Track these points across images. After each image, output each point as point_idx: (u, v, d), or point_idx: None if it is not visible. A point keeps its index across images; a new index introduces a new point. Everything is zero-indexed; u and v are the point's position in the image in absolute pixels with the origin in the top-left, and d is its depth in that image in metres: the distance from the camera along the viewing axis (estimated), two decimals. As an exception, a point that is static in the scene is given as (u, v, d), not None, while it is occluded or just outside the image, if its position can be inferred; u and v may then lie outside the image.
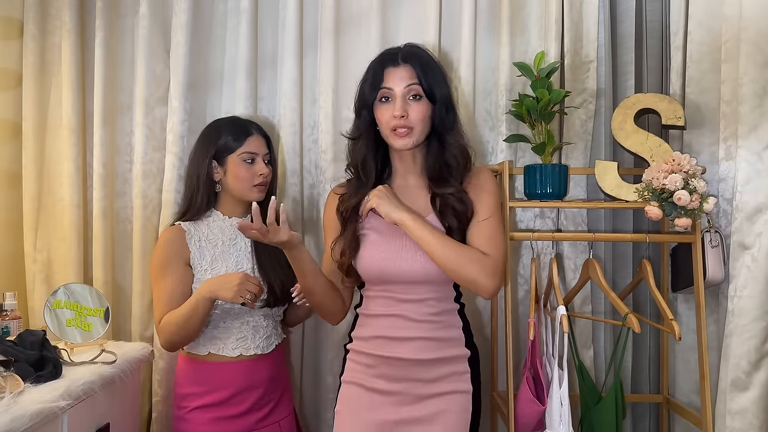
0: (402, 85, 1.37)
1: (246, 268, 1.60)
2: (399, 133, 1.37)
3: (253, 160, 1.61)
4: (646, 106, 1.64)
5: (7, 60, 1.97)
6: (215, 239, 1.62)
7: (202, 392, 1.58)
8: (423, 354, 1.39)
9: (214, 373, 1.58)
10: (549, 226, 1.88)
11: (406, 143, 1.38)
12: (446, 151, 1.42)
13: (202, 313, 1.50)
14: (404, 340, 1.39)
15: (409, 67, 1.38)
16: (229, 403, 1.58)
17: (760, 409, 1.49)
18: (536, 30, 1.87)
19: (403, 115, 1.36)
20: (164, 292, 1.55)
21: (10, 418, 1.09)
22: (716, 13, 1.64)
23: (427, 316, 1.40)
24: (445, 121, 1.41)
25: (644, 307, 1.92)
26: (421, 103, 1.38)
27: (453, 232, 1.38)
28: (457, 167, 1.42)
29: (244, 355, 1.59)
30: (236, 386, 1.58)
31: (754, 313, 1.49)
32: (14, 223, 1.98)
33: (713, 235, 1.59)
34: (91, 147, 1.98)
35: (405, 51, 1.42)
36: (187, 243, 1.59)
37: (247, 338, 1.60)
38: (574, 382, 1.69)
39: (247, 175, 1.60)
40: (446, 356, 1.41)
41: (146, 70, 1.93)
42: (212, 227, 1.64)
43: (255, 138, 1.63)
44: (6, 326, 1.68)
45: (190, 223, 1.62)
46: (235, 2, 1.97)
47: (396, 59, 1.40)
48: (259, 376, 1.61)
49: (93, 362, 1.48)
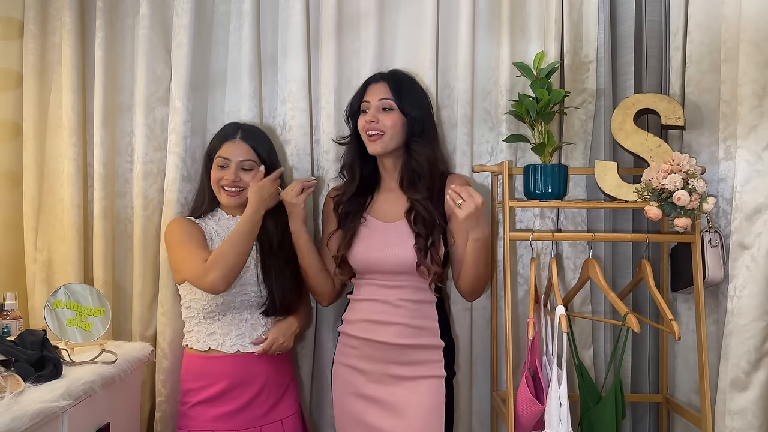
0: (377, 97, 1.62)
1: (250, 266, 1.66)
2: (371, 138, 1.61)
3: (227, 166, 1.67)
4: (645, 106, 1.64)
5: (7, 60, 1.97)
6: (223, 234, 1.69)
7: (200, 387, 1.63)
8: (400, 339, 1.59)
9: (211, 367, 1.63)
10: (549, 226, 1.88)
11: (376, 147, 1.61)
12: (411, 159, 1.62)
13: (254, 230, 1.61)
14: (385, 324, 1.60)
15: (385, 84, 1.64)
16: (225, 397, 1.61)
17: (759, 408, 1.49)
18: (536, 30, 1.87)
19: (374, 120, 1.60)
20: (194, 247, 1.61)
21: (11, 418, 1.09)
22: (716, 13, 1.64)
23: (405, 303, 1.60)
24: (413, 133, 1.61)
25: (644, 307, 1.92)
26: (392, 113, 1.61)
27: (420, 237, 1.57)
28: (424, 176, 1.61)
29: (242, 352, 1.64)
30: (231, 379, 1.62)
31: (753, 313, 1.49)
32: (14, 223, 1.98)
33: (713, 235, 1.59)
34: (91, 147, 1.98)
35: (388, 73, 1.69)
36: (202, 229, 1.68)
37: (245, 335, 1.65)
38: (573, 382, 1.70)
39: (215, 179, 1.69)
40: (422, 343, 1.60)
41: (147, 70, 1.93)
42: (220, 224, 1.71)
43: (233, 143, 1.68)
44: (6, 326, 1.68)
45: (199, 220, 1.71)
46: (237, 4, 1.97)
47: (377, 78, 1.67)
48: (255, 371, 1.64)
49: (93, 362, 1.48)
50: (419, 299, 1.62)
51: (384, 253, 1.61)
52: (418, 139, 1.62)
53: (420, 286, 1.62)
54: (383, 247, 1.62)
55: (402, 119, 1.61)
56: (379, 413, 1.61)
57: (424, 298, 1.63)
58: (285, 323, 1.70)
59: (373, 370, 1.62)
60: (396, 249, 1.60)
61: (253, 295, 1.66)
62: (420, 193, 1.60)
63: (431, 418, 1.57)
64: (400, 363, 1.61)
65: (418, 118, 1.62)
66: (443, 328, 1.64)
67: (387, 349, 1.61)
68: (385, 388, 1.61)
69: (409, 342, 1.60)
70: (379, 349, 1.61)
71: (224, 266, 1.55)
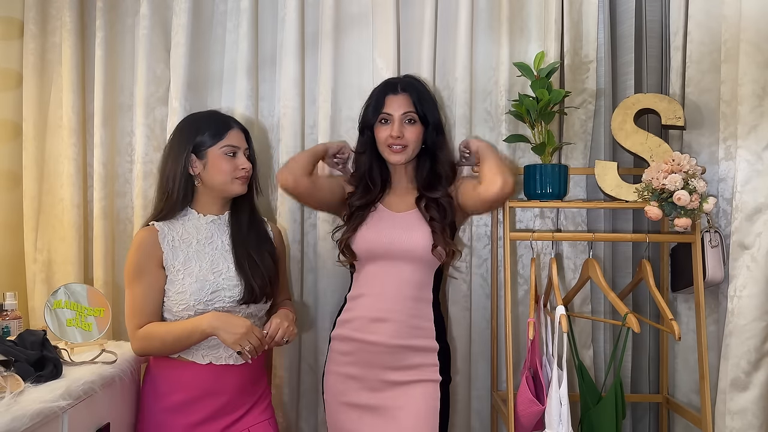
0: (400, 111, 1.63)
1: (222, 268, 1.56)
2: (395, 149, 1.63)
3: (235, 154, 1.58)
4: (645, 106, 1.64)
5: (8, 60, 1.97)
6: (189, 238, 1.57)
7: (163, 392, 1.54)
8: (396, 339, 1.58)
9: (176, 372, 1.53)
10: (549, 226, 1.88)
11: (400, 159, 1.64)
12: (438, 165, 1.67)
13: (194, 342, 1.49)
14: (381, 321, 1.58)
15: (407, 96, 1.64)
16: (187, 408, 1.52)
17: (759, 408, 1.49)
18: (536, 30, 1.87)
19: (400, 135, 1.61)
20: (139, 299, 1.52)
21: (11, 418, 1.09)
22: (716, 13, 1.64)
23: (404, 298, 1.60)
24: (436, 142, 1.67)
25: (644, 307, 1.92)
26: (416, 126, 1.64)
27: (434, 221, 1.61)
28: (447, 178, 1.68)
29: (214, 364, 1.53)
30: (198, 390, 1.52)
31: (753, 313, 1.49)
32: (14, 223, 1.98)
33: (713, 235, 1.60)
34: (91, 147, 1.98)
35: (404, 82, 1.68)
36: (159, 243, 1.54)
37: (219, 347, 1.53)
38: (573, 382, 1.70)
39: (229, 168, 1.57)
40: (417, 345, 1.59)
41: (147, 70, 1.94)
42: (187, 226, 1.58)
43: (236, 132, 1.60)
44: (6, 326, 1.68)
45: (164, 223, 1.57)
46: (235, 2, 1.97)
47: (396, 88, 1.65)
48: (225, 384, 1.54)
49: (93, 362, 1.48)
50: (417, 295, 1.61)
51: (391, 238, 1.61)
52: (439, 145, 1.67)
53: (420, 280, 1.62)
54: (391, 233, 1.61)
55: (422, 129, 1.65)
56: (374, 421, 1.58)
57: (422, 295, 1.63)
58: (281, 312, 1.60)
59: (367, 376, 1.60)
60: (407, 233, 1.61)
61: (228, 300, 1.54)
62: (440, 192, 1.65)
63: (425, 422, 1.55)
64: (394, 368, 1.58)
65: (437, 124, 1.67)
66: (439, 331, 1.63)
67: (382, 353, 1.58)
68: (378, 395, 1.59)
69: (404, 343, 1.58)
70: (373, 353, 1.59)
71: (149, 347, 1.50)
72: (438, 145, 1.67)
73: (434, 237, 1.59)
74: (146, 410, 1.57)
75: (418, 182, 1.69)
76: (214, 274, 1.54)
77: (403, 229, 1.62)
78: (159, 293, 1.53)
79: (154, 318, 1.52)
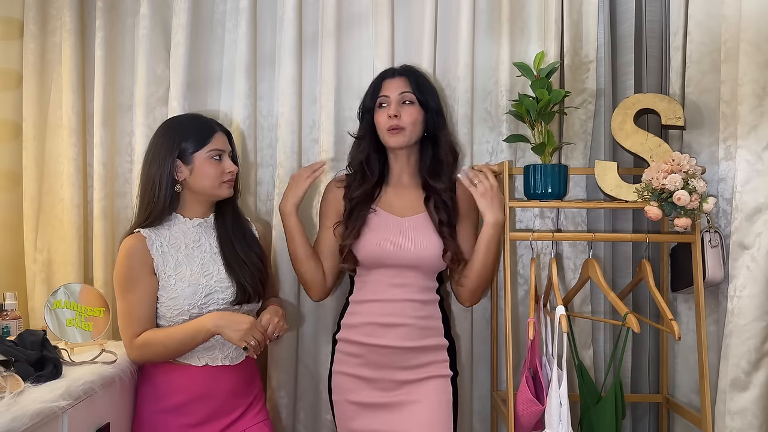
0: (397, 92, 1.62)
1: (213, 270, 1.56)
2: (392, 132, 1.59)
3: (221, 157, 1.58)
4: (645, 107, 1.64)
5: (7, 60, 1.97)
6: (177, 243, 1.56)
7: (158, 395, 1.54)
8: (407, 342, 1.58)
9: (171, 375, 1.53)
10: (549, 226, 1.88)
11: (399, 140, 1.61)
12: (439, 148, 1.65)
13: (199, 343, 1.49)
14: (391, 327, 1.58)
15: (404, 78, 1.64)
16: (183, 410, 1.52)
17: (759, 408, 1.49)
18: (536, 30, 1.87)
19: (396, 114, 1.58)
20: (135, 307, 1.50)
21: (10, 418, 1.08)
22: (716, 13, 1.64)
23: (413, 304, 1.59)
24: (437, 124, 1.65)
25: (644, 307, 1.92)
26: (413, 107, 1.61)
27: (443, 225, 1.60)
28: (448, 163, 1.65)
29: (210, 365, 1.54)
30: (194, 392, 1.52)
31: (753, 313, 1.49)
32: (14, 223, 1.98)
33: (713, 235, 1.59)
34: (91, 147, 1.98)
35: (402, 67, 1.70)
36: (149, 250, 1.52)
37: (215, 348, 1.54)
38: (573, 382, 1.70)
39: (216, 172, 1.56)
40: (427, 345, 1.60)
41: (147, 70, 1.94)
42: (173, 231, 1.57)
43: (220, 135, 1.60)
44: (6, 326, 1.68)
45: (150, 230, 1.54)
46: (234, 2, 1.96)
47: (393, 73, 1.67)
48: (220, 386, 1.54)
49: (93, 362, 1.48)
50: (425, 299, 1.62)
51: (400, 246, 1.58)
52: (440, 126, 1.65)
53: (425, 285, 1.62)
54: (399, 240, 1.59)
55: (422, 113, 1.62)
56: (389, 417, 1.58)
57: (429, 298, 1.63)
58: (270, 308, 1.58)
59: (378, 377, 1.59)
60: (414, 242, 1.59)
61: (221, 302, 1.54)
62: (443, 183, 1.63)
63: (439, 416, 1.56)
64: (406, 368, 1.59)
65: (438, 110, 1.65)
66: (446, 327, 1.65)
67: (393, 354, 1.58)
68: (391, 393, 1.59)
69: (415, 344, 1.59)
70: (384, 355, 1.59)
71: (150, 354, 1.50)
72: (439, 126, 1.65)
73: (445, 243, 1.59)
74: (142, 413, 1.56)
75: (421, 174, 1.67)
76: (206, 277, 1.54)
77: (411, 236, 1.60)
78: (153, 300, 1.53)
79: (149, 325, 1.52)
